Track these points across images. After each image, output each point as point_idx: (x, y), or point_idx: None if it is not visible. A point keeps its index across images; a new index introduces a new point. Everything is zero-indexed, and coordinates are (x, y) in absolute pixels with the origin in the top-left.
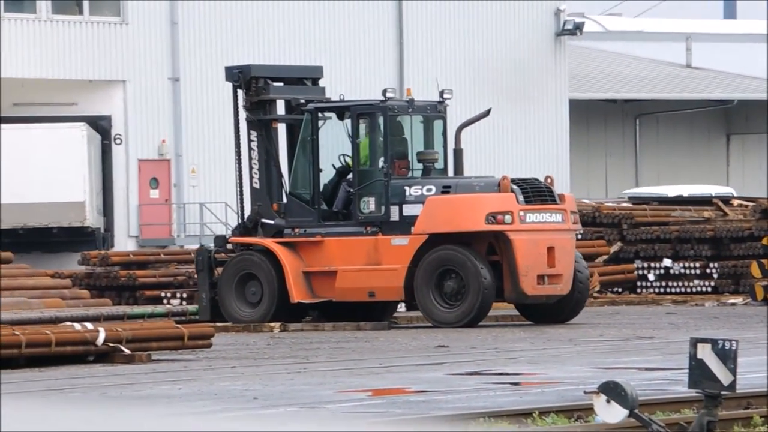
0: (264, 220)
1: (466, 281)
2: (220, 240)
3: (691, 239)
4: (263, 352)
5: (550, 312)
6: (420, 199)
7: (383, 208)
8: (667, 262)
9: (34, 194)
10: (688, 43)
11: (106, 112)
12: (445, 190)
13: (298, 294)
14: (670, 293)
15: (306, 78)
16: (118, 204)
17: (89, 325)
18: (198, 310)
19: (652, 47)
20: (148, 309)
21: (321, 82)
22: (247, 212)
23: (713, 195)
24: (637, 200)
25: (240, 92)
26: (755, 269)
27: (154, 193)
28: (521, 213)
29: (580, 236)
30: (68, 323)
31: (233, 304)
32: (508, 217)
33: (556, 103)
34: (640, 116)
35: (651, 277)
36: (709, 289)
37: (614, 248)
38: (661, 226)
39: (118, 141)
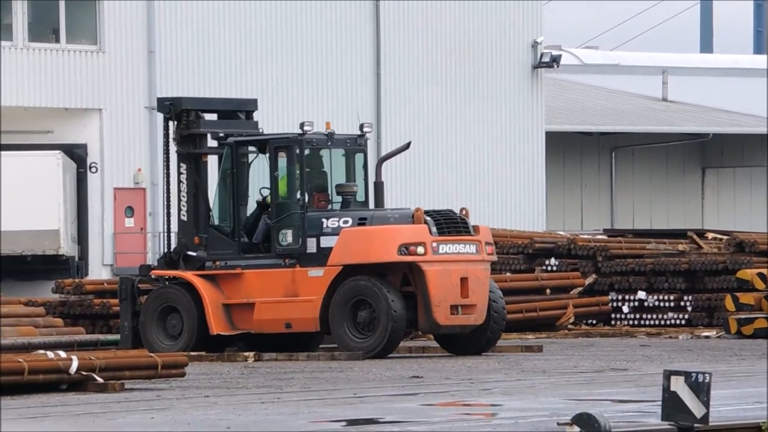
0: (188, 253)
1: (377, 312)
2: (145, 269)
3: (665, 272)
4: (237, 382)
5: (466, 342)
6: (336, 231)
7: (300, 240)
8: (641, 294)
9: (8, 222)
10: (664, 77)
11: (82, 141)
12: (361, 221)
13: (217, 326)
14: (645, 325)
15: (240, 111)
16: (92, 232)
17: (62, 354)
18: (119, 340)
19: (628, 80)
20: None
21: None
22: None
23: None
24: (612, 233)
25: (171, 124)
26: (729, 302)
27: (129, 222)
28: (434, 244)
29: (554, 268)
30: (41, 351)
31: (154, 336)
32: (420, 248)
33: (532, 134)
34: (616, 149)
35: (625, 309)
36: (683, 322)
37: (589, 280)
38: (636, 258)
39: (93, 169)
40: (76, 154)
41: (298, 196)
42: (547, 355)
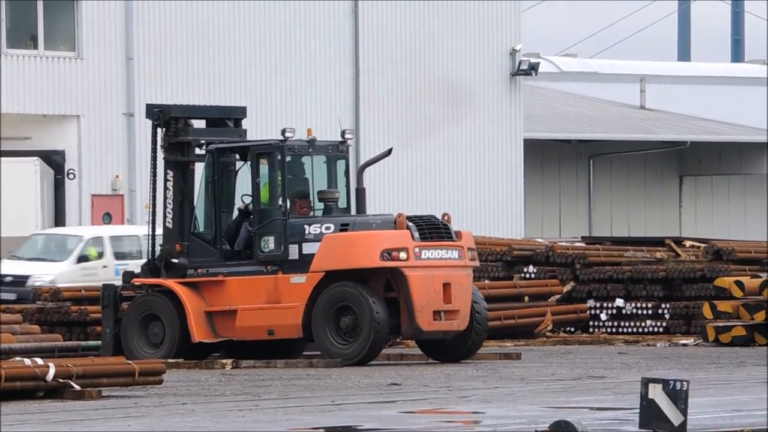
0: (171, 260)
1: (360, 318)
2: (128, 276)
3: (643, 279)
4: (214, 389)
5: (449, 348)
6: (318, 238)
7: (282, 246)
8: (619, 302)
9: None
10: (642, 85)
11: (60, 147)
12: (343, 227)
13: (199, 334)
14: (623, 333)
15: (228, 118)
16: None
17: (39, 361)
18: (100, 346)
19: (606, 88)
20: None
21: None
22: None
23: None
24: (590, 240)
25: (159, 131)
26: (707, 310)
27: None
28: (416, 249)
29: (533, 275)
30: (18, 358)
31: (135, 344)
32: (402, 254)
33: (511, 142)
34: (594, 156)
35: (603, 316)
36: (661, 330)
37: (567, 287)
38: (614, 266)
39: (71, 176)
40: (53, 160)
41: (280, 202)
42: (525, 362)
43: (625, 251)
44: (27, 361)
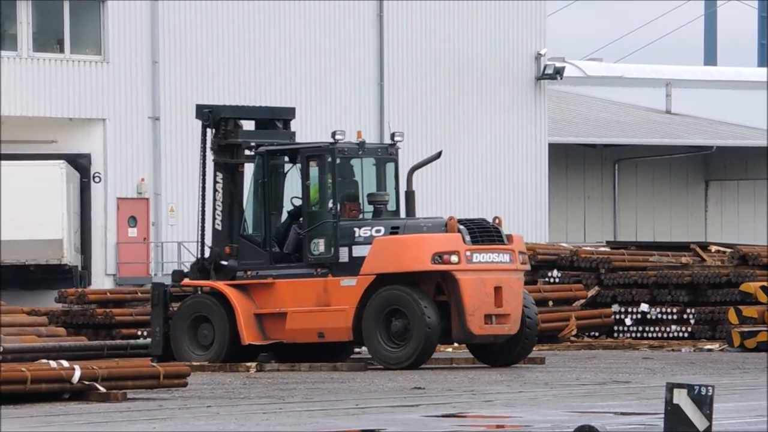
0: (221, 262)
1: (411, 321)
2: (177, 275)
3: (668, 284)
4: (239, 392)
5: (500, 352)
6: (369, 240)
7: (333, 249)
8: (644, 306)
9: (11, 231)
10: (668, 89)
11: (86, 150)
12: (394, 230)
13: (249, 336)
14: (647, 338)
15: (278, 119)
16: (95, 242)
17: (65, 363)
18: (150, 345)
19: (631, 92)
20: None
21: (294, 124)
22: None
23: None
24: (615, 245)
25: (209, 132)
26: (732, 315)
27: (132, 232)
28: (468, 253)
29: (557, 280)
30: (44, 361)
31: (185, 346)
32: (454, 257)
33: (536, 146)
34: (619, 161)
35: (628, 321)
36: (686, 335)
37: (592, 292)
38: (639, 271)
39: (97, 179)
40: (79, 164)
41: (330, 205)
42: (549, 367)
43: (650, 256)
44: (53, 364)
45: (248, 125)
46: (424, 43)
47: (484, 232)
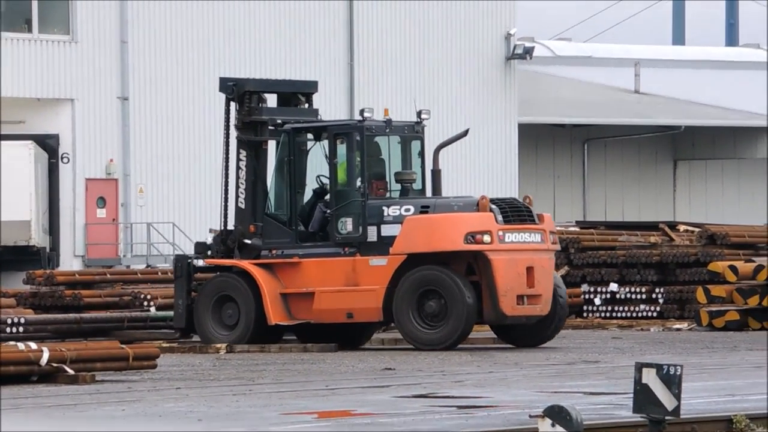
0: (244, 241)
1: (449, 302)
2: (200, 247)
3: (637, 264)
4: (209, 374)
5: (527, 333)
6: (398, 220)
7: (361, 228)
8: (613, 286)
9: None
10: (636, 69)
11: (54, 131)
12: (424, 209)
13: (275, 316)
14: (616, 318)
15: (301, 93)
16: (64, 223)
17: (33, 345)
18: (173, 317)
19: (600, 72)
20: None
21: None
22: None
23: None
24: (584, 224)
25: (233, 105)
26: (701, 295)
27: (101, 213)
28: (500, 233)
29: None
30: (11, 343)
31: (209, 326)
32: (486, 237)
33: (505, 126)
34: (588, 141)
35: (597, 301)
36: (655, 314)
37: (561, 272)
38: (608, 250)
39: (65, 160)
40: (47, 144)
41: (359, 183)
42: (519, 347)
43: (619, 236)
44: (21, 346)
45: (270, 101)
46: (393, 23)
47: (516, 212)
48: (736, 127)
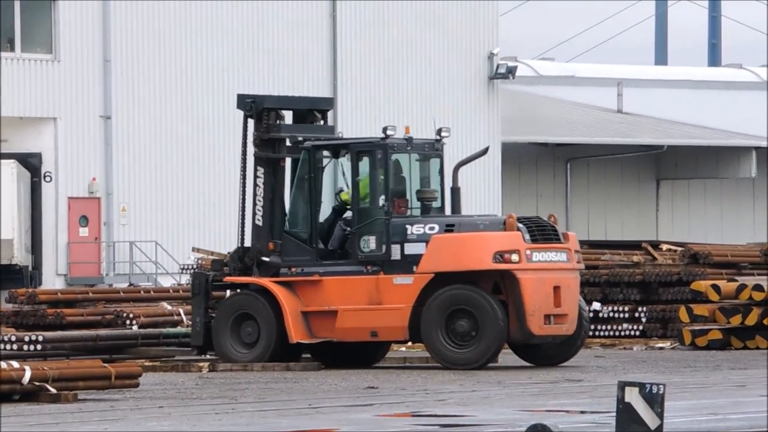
0: (263, 258)
1: (482, 322)
2: (217, 264)
3: (620, 283)
4: (191, 392)
5: (549, 353)
6: (422, 238)
7: (384, 246)
8: (596, 305)
9: None
10: (619, 89)
11: (37, 150)
12: (449, 228)
13: (297, 334)
14: (599, 336)
15: (317, 110)
16: (46, 242)
17: (15, 364)
18: (191, 334)
19: (583, 92)
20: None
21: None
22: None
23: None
24: None
25: (251, 122)
26: (683, 314)
27: (84, 231)
28: (528, 252)
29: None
30: None
31: (228, 344)
32: (515, 256)
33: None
34: (571, 160)
35: None
36: (638, 333)
37: None
38: (591, 269)
39: (47, 178)
40: (30, 163)
41: (382, 202)
42: (502, 365)
43: (602, 254)
44: (3, 365)
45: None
46: (377, 42)
47: (542, 231)
48: (719, 146)
